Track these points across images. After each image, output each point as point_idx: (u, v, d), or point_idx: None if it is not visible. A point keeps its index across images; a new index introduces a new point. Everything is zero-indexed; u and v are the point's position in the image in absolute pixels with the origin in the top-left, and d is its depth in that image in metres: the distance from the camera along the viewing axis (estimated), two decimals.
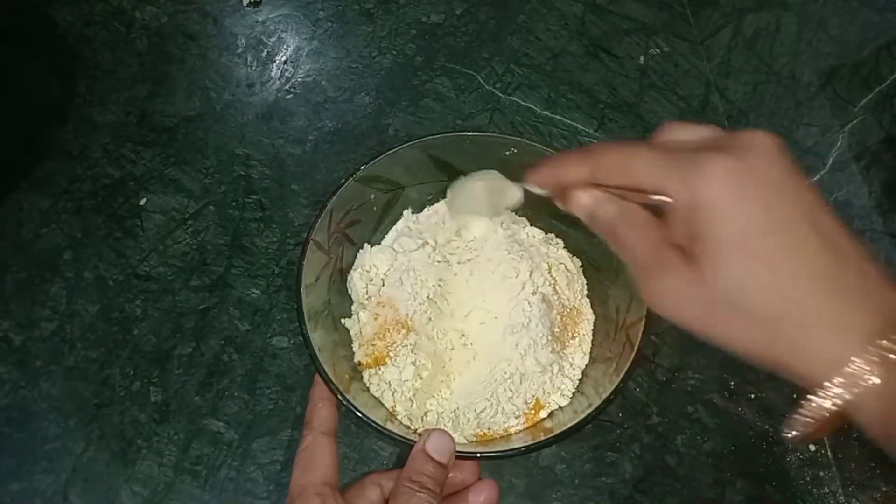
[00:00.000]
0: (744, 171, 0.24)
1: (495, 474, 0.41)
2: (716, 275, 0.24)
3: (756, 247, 0.23)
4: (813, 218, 0.24)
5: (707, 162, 0.24)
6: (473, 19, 0.59)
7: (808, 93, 0.55)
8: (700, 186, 0.24)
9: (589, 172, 0.28)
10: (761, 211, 0.23)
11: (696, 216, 0.24)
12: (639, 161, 0.26)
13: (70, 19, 0.57)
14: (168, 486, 0.41)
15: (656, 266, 0.25)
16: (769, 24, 0.58)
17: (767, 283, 0.23)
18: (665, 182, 0.25)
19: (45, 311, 0.46)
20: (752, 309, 0.23)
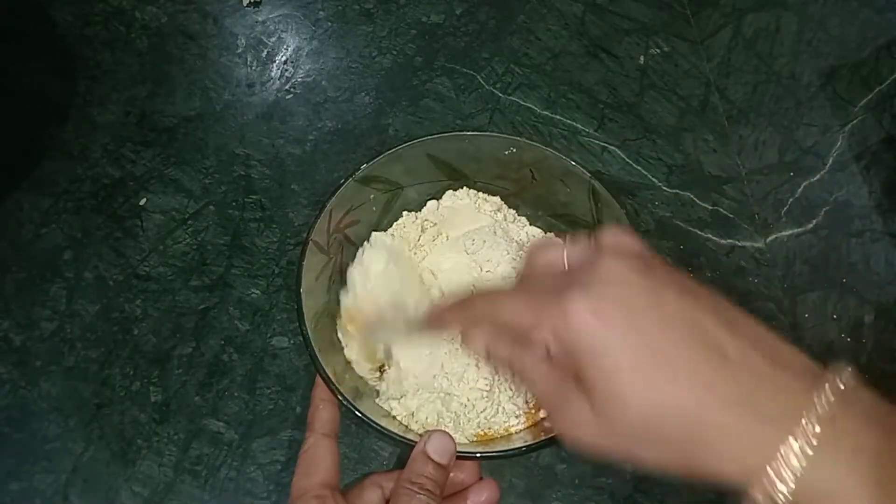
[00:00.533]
0: (601, 305, 0.24)
1: (495, 474, 0.41)
2: (609, 410, 0.24)
3: (637, 375, 0.23)
4: (685, 324, 0.23)
5: (565, 304, 0.24)
6: (473, 19, 0.59)
7: (808, 93, 0.56)
8: (563, 330, 0.24)
9: (464, 319, 0.30)
10: (632, 338, 0.23)
11: (573, 358, 0.24)
12: (506, 311, 0.27)
13: (70, 19, 0.57)
14: (168, 486, 0.41)
15: (557, 402, 0.26)
16: (769, 24, 0.59)
17: (658, 408, 0.23)
18: (535, 330, 0.26)
19: (45, 311, 0.46)
20: (654, 434, 0.23)
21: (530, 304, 0.26)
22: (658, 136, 0.54)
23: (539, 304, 0.26)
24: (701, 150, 0.53)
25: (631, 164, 0.52)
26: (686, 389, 0.23)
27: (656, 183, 0.52)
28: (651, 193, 0.51)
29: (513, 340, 0.28)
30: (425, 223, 0.44)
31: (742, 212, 0.51)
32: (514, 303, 0.27)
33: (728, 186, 0.52)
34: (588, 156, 0.52)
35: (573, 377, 0.25)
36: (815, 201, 0.51)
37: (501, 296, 0.29)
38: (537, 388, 0.28)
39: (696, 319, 0.24)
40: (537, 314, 0.26)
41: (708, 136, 0.54)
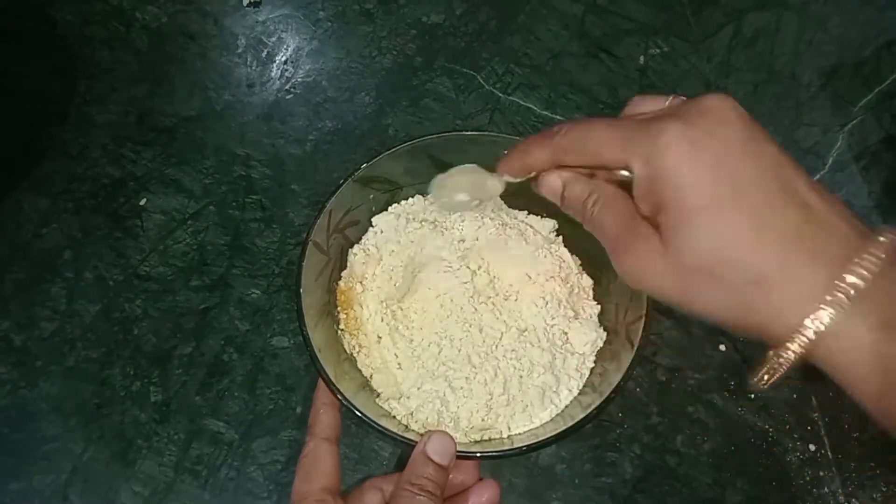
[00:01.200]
0: (698, 136, 0.23)
1: (495, 474, 0.41)
2: (681, 243, 0.24)
3: (718, 211, 0.23)
4: (777, 176, 0.24)
5: (660, 132, 0.24)
6: (473, 19, 0.59)
7: (809, 93, 0.55)
8: (655, 156, 0.24)
9: (551, 155, 0.28)
10: (720, 175, 0.23)
11: (657, 186, 0.24)
12: (595, 138, 0.26)
13: (69, 19, 0.57)
14: (168, 486, 0.41)
15: (626, 239, 0.26)
16: (769, 23, 0.58)
17: (731, 248, 0.23)
18: (623, 156, 0.25)
19: (44, 311, 0.46)
20: (719, 274, 0.23)
21: (620, 131, 0.25)
22: None
23: (631, 134, 0.25)
24: None
25: None
26: (759, 228, 0.23)
27: None
28: None
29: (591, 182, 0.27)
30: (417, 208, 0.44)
31: None
32: (604, 130, 0.26)
33: None
34: None
35: (649, 213, 0.25)
36: None
37: (589, 123, 0.27)
38: (606, 229, 0.27)
39: (784, 168, 0.24)
40: (628, 142, 0.25)
41: None
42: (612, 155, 0.25)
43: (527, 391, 0.39)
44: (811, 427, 0.43)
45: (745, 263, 0.23)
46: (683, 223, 0.23)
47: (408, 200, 0.44)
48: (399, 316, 0.41)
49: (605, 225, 0.27)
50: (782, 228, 0.23)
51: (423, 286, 0.41)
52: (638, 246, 0.25)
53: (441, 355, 0.39)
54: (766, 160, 0.24)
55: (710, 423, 0.43)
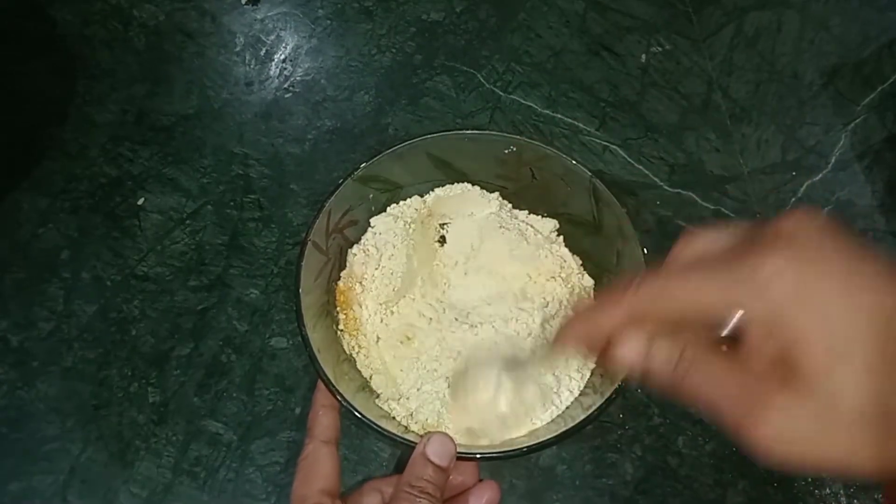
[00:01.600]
0: (806, 261, 0.20)
1: (496, 475, 0.40)
2: (832, 387, 0.19)
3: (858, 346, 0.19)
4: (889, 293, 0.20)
5: (758, 266, 0.20)
6: (474, 17, 0.58)
7: (811, 91, 0.55)
8: (763, 296, 0.20)
9: (625, 315, 0.23)
10: (850, 303, 0.20)
11: (776, 330, 0.20)
12: (679, 288, 0.22)
13: (69, 19, 0.57)
14: (166, 487, 0.41)
15: (753, 406, 0.20)
16: (771, 22, 0.58)
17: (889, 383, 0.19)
18: (717, 301, 0.21)
19: (42, 311, 0.45)
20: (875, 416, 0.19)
21: (715, 274, 0.21)
22: (660, 134, 0.53)
23: (726, 272, 0.21)
24: (703, 150, 0.53)
25: (632, 164, 0.52)
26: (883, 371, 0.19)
27: (658, 182, 0.51)
28: (653, 193, 0.51)
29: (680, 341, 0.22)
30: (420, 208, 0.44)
31: (744, 211, 0.50)
32: (692, 276, 0.22)
33: (730, 186, 0.51)
34: (589, 155, 0.52)
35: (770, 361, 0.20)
36: (818, 201, 0.51)
37: (671, 273, 0.23)
38: (721, 402, 0.21)
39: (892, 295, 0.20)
40: (726, 282, 0.21)
41: (710, 135, 0.53)
42: (709, 303, 0.21)
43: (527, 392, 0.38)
44: None
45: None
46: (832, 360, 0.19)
47: (406, 201, 0.44)
48: (398, 317, 0.40)
49: (717, 398, 0.21)
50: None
51: (422, 287, 0.41)
52: (772, 414, 0.20)
53: (440, 356, 0.39)
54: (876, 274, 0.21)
55: (711, 425, 0.43)
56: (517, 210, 0.45)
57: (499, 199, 0.44)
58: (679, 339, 0.22)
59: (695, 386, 0.22)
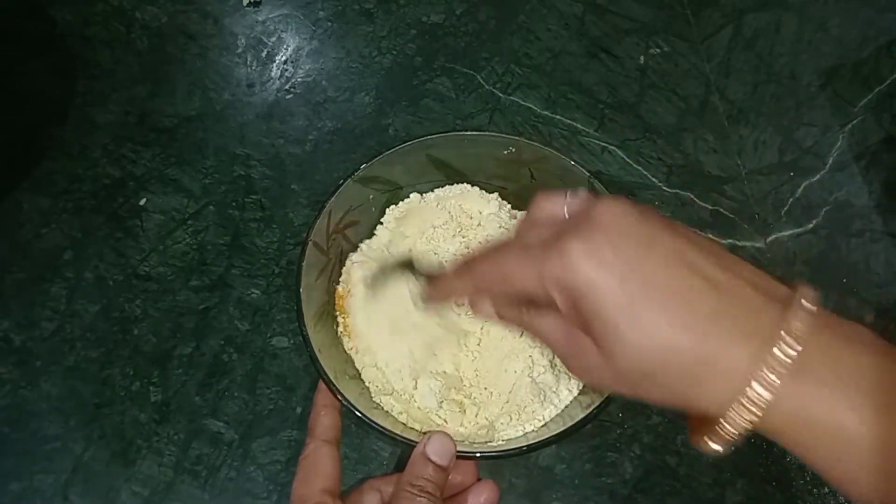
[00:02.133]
0: (597, 249, 0.24)
1: (495, 474, 0.41)
2: (612, 352, 0.25)
3: (635, 316, 0.24)
4: (680, 263, 0.24)
5: (563, 253, 0.25)
6: (473, 19, 0.59)
7: (808, 93, 0.55)
8: (566, 280, 0.25)
9: (472, 287, 0.30)
10: (627, 281, 0.24)
11: (578, 305, 0.25)
12: (509, 271, 0.27)
13: (70, 19, 0.57)
14: (168, 486, 0.41)
15: (571, 351, 0.27)
16: (769, 23, 0.58)
17: (656, 347, 0.24)
18: (539, 285, 0.26)
19: (45, 311, 0.46)
20: (652, 374, 0.24)
21: (530, 260, 0.27)
22: (658, 136, 0.54)
23: (538, 258, 0.26)
24: (701, 150, 0.53)
25: (631, 164, 0.52)
26: (676, 321, 0.23)
27: (656, 183, 0.52)
28: (651, 193, 0.51)
29: (519, 301, 0.29)
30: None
31: (742, 212, 0.51)
32: (515, 260, 0.27)
33: (728, 186, 0.52)
34: (588, 156, 0.52)
35: (580, 328, 0.26)
36: (816, 201, 0.51)
37: (500, 255, 0.29)
38: (550, 342, 0.29)
39: (682, 252, 0.24)
40: (538, 269, 0.26)
41: (708, 136, 0.54)
42: (529, 286, 0.27)
43: (527, 391, 0.39)
44: None
45: (672, 360, 0.23)
46: (609, 334, 0.24)
47: (407, 203, 0.44)
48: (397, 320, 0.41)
49: (549, 340, 0.29)
50: (698, 315, 0.23)
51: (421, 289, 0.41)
52: (581, 356, 0.27)
53: (440, 357, 0.39)
54: (663, 252, 0.24)
55: None
56: (517, 211, 0.45)
57: (498, 200, 0.45)
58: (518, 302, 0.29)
59: (536, 333, 0.29)
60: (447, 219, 0.43)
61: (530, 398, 0.38)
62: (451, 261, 0.36)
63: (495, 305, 0.31)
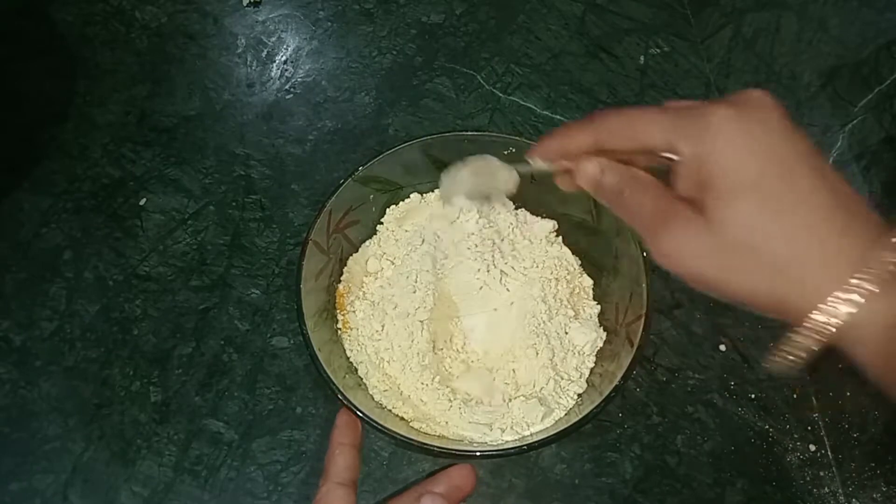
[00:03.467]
0: (745, 119, 0.25)
1: (495, 474, 0.41)
2: (724, 218, 0.24)
3: (764, 190, 0.24)
4: (814, 164, 0.24)
5: (710, 114, 0.25)
6: (473, 19, 0.59)
7: (809, 93, 0.55)
8: (706, 138, 0.25)
9: (594, 139, 0.28)
10: (767, 156, 0.24)
11: (705, 166, 0.25)
12: (643, 122, 0.27)
13: (70, 19, 0.57)
14: (168, 486, 0.41)
15: (663, 220, 0.26)
16: (769, 23, 0.58)
17: (774, 226, 0.24)
18: (672, 138, 0.26)
19: (44, 310, 0.46)
20: (759, 251, 0.24)
21: (670, 118, 0.26)
22: None
23: (679, 119, 0.26)
24: None
25: None
26: (801, 216, 0.23)
27: None
28: None
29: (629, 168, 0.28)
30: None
31: None
32: (651, 115, 0.27)
33: None
34: None
35: (691, 193, 0.25)
36: None
37: (635, 110, 0.27)
38: (643, 213, 0.27)
39: (821, 164, 0.25)
40: (677, 124, 0.25)
41: None
42: (660, 137, 0.26)
43: (528, 392, 0.39)
44: (811, 427, 0.43)
45: (784, 241, 0.24)
46: (731, 198, 0.24)
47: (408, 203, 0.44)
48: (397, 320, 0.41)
49: (642, 209, 0.27)
50: (819, 210, 0.24)
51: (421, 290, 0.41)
52: (677, 226, 0.25)
53: (439, 357, 0.39)
54: (803, 148, 0.25)
55: (710, 423, 0.43)
56: (517, 210, 0.45)
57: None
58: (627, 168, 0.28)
59: (630, 201, 0.27)
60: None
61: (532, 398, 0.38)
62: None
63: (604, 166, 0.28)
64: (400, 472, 0.41)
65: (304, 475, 0.41)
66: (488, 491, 0.40)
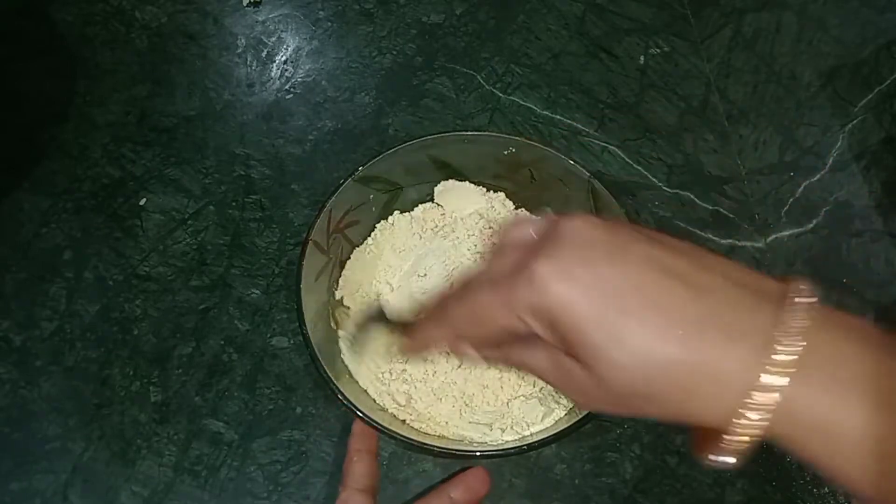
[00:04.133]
0: (563, 265, 0.23)
1: (495, 474, 0.41)
2: (601, 375, 0.23)
3: (616, 334, 0.22)
4: (655, 271, 0.23)
5: (531, 279, 0.23)
6: (473, 19, 0.59)
7: (809, 93, 0.55)
8: (541, 307, 0.23)
9: (452, 333, 0.28)
10: (604, 297, 0.23)
11: (556, 328, 0.24)
12: (482, 310, 0.26)
13: (70, 19, 0.57)
14: (168, 486, 0.41)
15: (563, 379, 0.25)
16: (769, 23, 0.58)
17: (645, 364, 0.22)
18: (515, 317, 0.25)
19: (44, 311, 0.46)
20: (645, 392, 0.23)
21: (499, 292, 0.25)
22: (658, 136, 0.53)
23: (507, 288, 0.24)
24: (701, 150, 0.53)
25: (631, 164, 0.52)
26: (659, 332, 0.22)
27: (656, 183, 0.52)
28: (651, 193, 0.51)
29: (500, 338, 0.27)
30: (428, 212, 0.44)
31: (742, 212, 0.51)
32: (485, 296, 0.26)
33: (728, 186, 0.52)
34: (588, 156, 0.52)
35: (565, 351, 0.25)
36: (816, 201, 0.51)
37: (471, 293, 0.27)
38: (540, 373, 0.27)
39: (657, 258, 0.23)
40: (509, 299, 0.24)
41: (708, 136, 0.54)
42: (504, 321, 0.25)
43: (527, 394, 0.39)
44: None
45: (663, 375, 0.22)
46: (592, 356, 0.23)
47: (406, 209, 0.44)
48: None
49: (538, 373, 0.27)
50: (683, 322, 0.22)
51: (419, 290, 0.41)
52: (572, 381, 0.25)
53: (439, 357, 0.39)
54: (636, 260, 0.23)
55: None
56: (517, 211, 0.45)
57: (501, 196, 0.45)
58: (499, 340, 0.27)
59: (526, 368, 0.27)
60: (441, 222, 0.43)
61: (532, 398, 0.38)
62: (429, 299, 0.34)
63: (476, 348, 0.28)
64: (400, 472, 0.41)
65: (304, 475, 0.41)
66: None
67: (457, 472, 0.35)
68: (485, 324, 0.26)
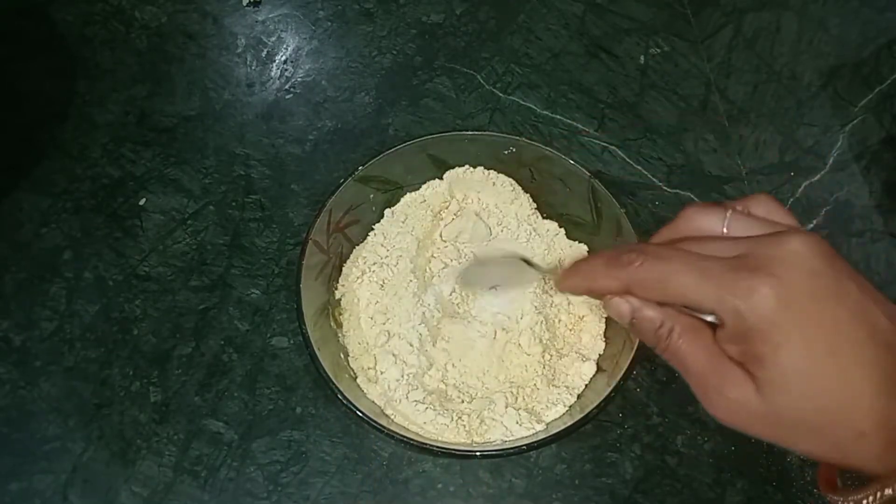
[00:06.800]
0: (792, 295, 0.23)
1: (495, 474, 0.41)
2: (779, 400, 0.24)
3: (816, 371, 0.23)
4: (865, 322, 0.24)
5: (753, 290, 0.24)
6: (473, 19, 0.59)
7: (809, 92, 0.55)
8: (749, 313, 0.24)
9: (623, 286, 0.27)
10: (816, 332, 0.23)
11: (751, 341, 0.24)
12: (680, 282, 0.25)
13: (70, 19, 0.57)
14: (168, 486, 0.41)
15: (716, 378, 0.25)
16: (770, 23, 0.58)
17: (831, 406, 0.23)
18: (709, 304, 0.25)
19: (44, 311, 0.46)
20: (817, 428, 0.24)
21: (713, 281, 0.24)
22: (658, 135, 0.53)
23: (724, 282, 0.24)
24: (701, 150, 0.53)
25: (631, 164, 0.52)
26: (855, 386, 0.23)
27: (656, 183, 0.51)
28: (651, 193, 0.51)
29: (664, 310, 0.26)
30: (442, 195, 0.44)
31: None
32: (692, 276, 0.25)
33: (728, 186, 0.52)
34: (588, 156, 0.52)
35: (736, 357, 0.25)
36: (816, 201, 0.51)
37: (669, 265, 0.26)
38: (690, 364, 0.26)
39: (869, 314, 0.24)
40: (722, 293, 0.24)
41: (708, 135, 0.54)
42: (700, 302, 0.25)
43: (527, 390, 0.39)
44: None
45: (844, 419, 0.23)
46: (782, 382, 0.24)
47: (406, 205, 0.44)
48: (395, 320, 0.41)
49: (689, 360, 0.26)
50: (876, 378, 0.23)
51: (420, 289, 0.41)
52: (730, 390, 0.25)
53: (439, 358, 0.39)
54: (851, 307, 0.24)
55: (710, 423, 0.43)
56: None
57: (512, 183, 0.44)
58: (663, 309, 0.26)
59: (677, 353, 0.26)
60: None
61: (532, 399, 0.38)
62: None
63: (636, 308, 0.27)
64: (400, 473, 0.41)
65: (304, 475, 0.41)
66: (488, 491, 0.40)
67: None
68: (671, 296, 0.26)
